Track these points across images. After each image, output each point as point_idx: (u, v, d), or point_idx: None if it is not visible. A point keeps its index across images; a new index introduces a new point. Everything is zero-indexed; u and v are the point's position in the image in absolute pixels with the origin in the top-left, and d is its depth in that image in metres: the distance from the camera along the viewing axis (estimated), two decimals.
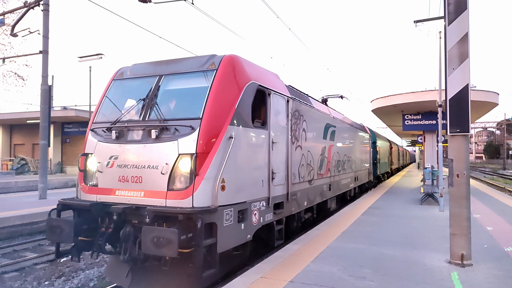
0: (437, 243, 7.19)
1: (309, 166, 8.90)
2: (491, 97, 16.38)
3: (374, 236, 7.88)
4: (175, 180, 5.14)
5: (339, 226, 8.89)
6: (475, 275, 5.32)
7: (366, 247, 6.88)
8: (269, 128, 6.62)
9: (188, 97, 5.83)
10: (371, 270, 5.55)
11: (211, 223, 5.05)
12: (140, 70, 6.48)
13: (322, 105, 11.22)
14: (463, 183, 5.85)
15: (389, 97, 17.92)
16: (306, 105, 8.93)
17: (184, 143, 5.17)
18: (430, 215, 10.74)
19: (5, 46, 26.11)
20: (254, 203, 6.06)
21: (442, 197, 11.47)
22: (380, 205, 12.88)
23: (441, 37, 12.14)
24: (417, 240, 7.49)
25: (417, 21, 12.53)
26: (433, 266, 5.75)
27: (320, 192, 10.01)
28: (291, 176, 7.57)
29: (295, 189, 7.85)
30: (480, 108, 17.67)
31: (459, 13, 5.80)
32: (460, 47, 5.79)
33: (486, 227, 8.89)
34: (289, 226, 8.11)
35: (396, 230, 8.55)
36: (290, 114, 7.60)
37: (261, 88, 6.43)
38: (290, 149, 7.49)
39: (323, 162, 10.25)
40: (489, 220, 9.87)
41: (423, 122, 18.78)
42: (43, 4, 14.51)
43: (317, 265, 5.76)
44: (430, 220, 9.90)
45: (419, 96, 16.25)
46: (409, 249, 6.75)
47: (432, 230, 8.55)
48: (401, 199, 14.51)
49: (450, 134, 5.91)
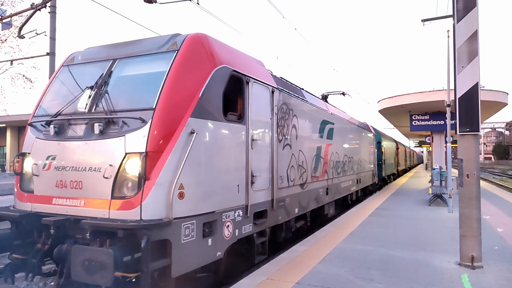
0: (446, 245, 7.07)
1: (301, 167, 7.96)
2: (500, 97, 16.19)
3: (382, 237, 7.77)
4: (121, 186, 4.23)
5: (346, 227, 8.80)
6: (485, 277, 5.21)
7: (374, 249, 6.78)
8: (248, 122, 5.66)
9: (142, 83, 4.88)
10: (379, 271, 5.46)
11: (164, 240, 4.13)
12: (93, 54, 5.53)
13: (318, 100, 10.17)
14: (473, 183, 5.74)
15: (396, 97, 17.79)
16: (298, 98, 7.96)
17: (132, 140, 4.26)
18: (439, 216, 10.60)
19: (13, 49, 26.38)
20: (226, 213, 5.11)
21: (451, 198, 11.31)
22: (388, 206, 12.75)
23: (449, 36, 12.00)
24: (426, 242, 7.38)
25: (425, 20, 12.42)
26: (442, 268, 5.65)
27: (315, 197, 8.99)
28: (277, 180, 6.62)
29: (282, 195, 6.90)
30: (489, 108, 17.47)
31: (468, 10, 5.70)
32: (469, 45, 5.69)
33: (497, 228, 8.74)
34: (277, 237, 7.20)
35: (404, 231, 8.44)
36: (276, 108, 6.62)
37: (237, 75, 5.48)
38: (276, 148, 6.55)
39: (318, 163, 9.26)
40: (500, 221, 9.70)
41: (431, 123, 18.63)
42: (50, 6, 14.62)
43: (324, 266, 5.69)
44: (438, 221, 9.76)
45: (427, 96, 16.11)
46: (417, 251, 6.64)
47: (441, 231, 8.42)
48: (409, 200, 14.35)
49: (460, 134, 5.81)
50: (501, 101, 16.18)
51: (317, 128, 9.29)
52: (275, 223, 6.67)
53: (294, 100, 7.70)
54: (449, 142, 12.35)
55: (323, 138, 9.79)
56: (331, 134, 10.49)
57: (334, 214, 11.21)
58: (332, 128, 10.64)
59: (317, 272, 5.42)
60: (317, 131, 9.32)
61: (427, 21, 12.37)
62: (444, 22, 12.37)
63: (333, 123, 10.72)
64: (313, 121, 9.01)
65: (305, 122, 8.32)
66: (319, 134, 9.43)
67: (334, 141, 10.82)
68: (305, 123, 8.36)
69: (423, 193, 17.12)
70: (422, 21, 12.44)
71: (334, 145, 10.77)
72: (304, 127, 8.22)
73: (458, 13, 5.77)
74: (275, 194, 6.50)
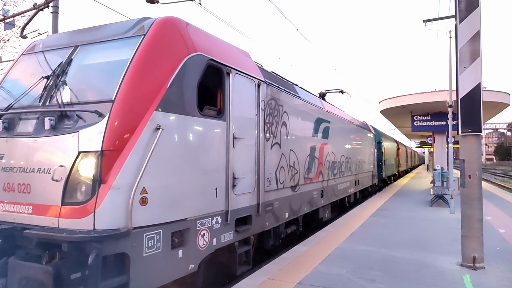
0: (448, 245, 7.06)
1: (292, 168, 7.37)
2: (502, 98, 16.16)
3: (384, 238, 7.77)
4: (73, 190, 3.67)
5: (348, 228, 8.79)
6: (487, 278, 5.20)
7: (376, 249, 6.78)
8: (228, 118, 5.11)
9: (102, 72, 4.35)
10: (380, 272, 5.45)
11: (121, 254, 3.61)
12: (55, 41, 4.98)
13: (313, 97, 9.55)
14: (475, 184, 5.73)
15: (397, 97, 17.77)
16: (289, 94, 7.39)
17: (86, 136, 3.71)
18: (441, 217, 10.58)
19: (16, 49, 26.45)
20: (201, 220, 4.56)
21: (453, 198, 11.30)
22: (389, 206, 12.73)
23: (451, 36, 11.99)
24: (428, 242, 7.37)
25: (427, 20, 12.41)
26: (444, 268, 5.64)
27: (308, 200, 8.38)
28: (264, 182, 6.08)
29: (270, 198, 6.35)
30: (490, 109, 17.44)
31: (470, 10, 5.70)
32: (471, 45, 5.68)
33: (498, 229, 8.72)
34: (264, 245, 6.66)
35: (406, 232, 8.43)
36: (263, 103, 6.10)
37: (215, 64, 4.92)
38: (262, 147, 6.02)
39: (312, 164, 8.67)
40: (501, 222, 9.68)
41: (433, 123, 18.60)
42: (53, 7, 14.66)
43: (326, 267, 5.69)
44: (440, 222, 9.75)
45: (429, 97, 16.08)
46: (419, 251, 6.63)
47: (443, 232, 8.41)
48: (411, 201, 14.34)
49: (462, 134, 5.80)
50: (503, 102, 16.14)
51: (311, 127, 8.73)
52: (262, 230, 6.12)
53: (285, 95, 7.14)
54: (451, 142, 12.35)
55: (318, 137, 9.24)
56: (327, 133, 9.94)
57: (330, 217, 10.61)
58: (328, 127, 10.08)
59: (318, 272, 5.42)
60: (311, 130, 8.75)
61: (429, 22, 12.36)
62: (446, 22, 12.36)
63: (329, 122, 10.15)
64: (307, 119, 8.45)
65: (297, 119, 7.77)
66: (313, 133, 8.87)
67: (330, 141, 10.28)
68: (297, 121, 7.81)
69: (424, 193, 17.09)
70: (424, 22, 12.44)
71: (330, 145, 10.20)
72: (296, 125, 7.68)
73: (460, 13, 5.77)
74: (262, 198, 5.96)
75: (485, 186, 21.93)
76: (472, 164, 5.76)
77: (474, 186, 5.74)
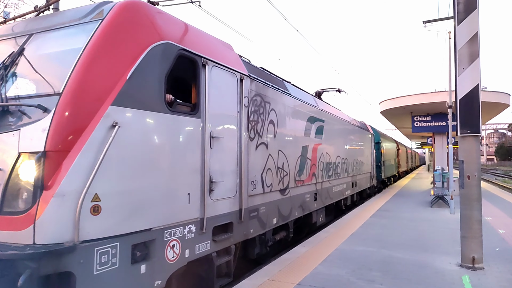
0: (447, 246, 7.08)
1: (281, 170, 6.90)
2: (502, 98, 16.18)
3: (384, 238, 7.79)
4: (12, 198, 3.20)
5: (348, 229, 8.81)
6: (487, 279, 5.22)
7: (375, 250, 6.80)
8: (204, 116, 4.63)
9: (53, 63, 3.89)
10: (380, 273, 5.47)
11: (66, 273, 3.08)
12: (9, 30, 4.54)
13: (305, 94, 9.06)
14: (474, 185, 5.75)
15: (398, 98, 17.81)
16: (277, 90, 6.90)
17: (28, 135, 3.23)
18: (441, 217, 10.60)
19: None
20: (170, 230, 4.07)
21: (453, 199, 11.31)
22: (389, 207, 12.75)
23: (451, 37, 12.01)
24: (427, 243, 7.38)
25: (426, 21, 12.44)
26: (443, 269, 5.66)
27: (300, 203, 7.90)
28: (248, 185, 5.63)
29: (255, 203, 5.91)
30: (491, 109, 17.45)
31: (469, 12, 5.72)
32: (470, 46, 5.71)
33: (498, 230, 8.74)
34: (248, 254, 6.17)
35: (406, 232, 8.44)
36: (246, 99, 5.66)
37: (188, 55, 4.43)
38: (246, 147, 5.57)
39: (304, 165, 8.20)
40: (501, 223, 9.69)
41: (433, 124, 18.63)
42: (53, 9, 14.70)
43: (325, 267, 5.71)
44: (440, 222, 9.76)
45: (429, 98, 16.13)
46: (419, 252, 6.65)
47: (443, 232, 8.42)
48: (411, 202, 14.35)
49: (461, 135, 5.82)
50: (503, 102, 16.18)
51: (302, 126, 8.23)
52: (245, 238, 5.63)
53: (273, 92, 6.66)
54: (451, 143, 12.37)
55: (311, 137, 8.72)
56: (321, 133, 9.46)
57: (324, 221, 10.10)
58: (322, 126, 9.60)
59: (318, 273, 5.44)
60: (303, 129, 8.25)
61: (428, 23, 12.39)
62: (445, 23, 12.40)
63: (323, 121, 9.66)
64: (298, 117, 7.93)
65: (287, 118, 7.29)
66: (305, 133, 8.35)
67: (325, 141, 9.79)
68: (287, 120, 7.32)
69: (425, 194, 17.10)
70: (424, 23, 12.47)
71: (324, 145, 9.72)
72: (285, 124, 7.21)
73: (459, 15, 5.79)
74: (245, 203, 5.50)
75: (486, 186, 21.94)
76: (471, 165, 5.78)
77: (473, 187, 5.76)
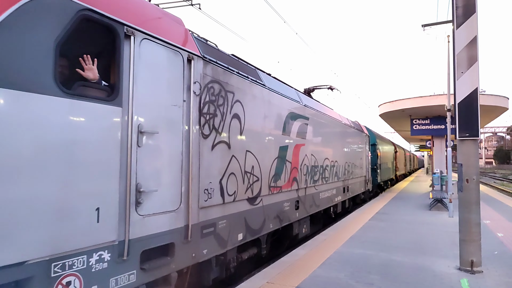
0: (446, 249, 7.08)
1: (250, 175, 5.75)
2: (501, 102, 16.22)
3: (382, 241, 7.79)
4: None
5: (346, 231, 8.81)
6: (485, 282, 5.22)
7: (374, 253, 6.80)
8: (128, 103, 3.52)
9: None
10: (379, 276, 5.47)
11: None
12: None
13: (286, 87, 7.97)
14: (472, 188, 5.76)
15: (397, 101, 17.85)
16: (246, 79, 5.77)
17: None
18: (439, 221, 10.61)
19: None
20: (63, 262, 2.92)
21: (452, 202, 11.33)
22: (388, 210, 12.75)
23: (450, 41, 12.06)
24: (426, 246, 7.39)
25: (425, 25, 12.48)
26: (442, 272, 5.66)
27: (276, 213, 6.76)
28: (200, 195, 4.49)
29: (211, 216, 4.75)
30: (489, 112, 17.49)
31: (467, 16, 5.75)
32: (468, 50, 5.73)
33: (497, 233, 8.74)
34: (203, 279, 4.97)
35: (405, 235, 8.45)
36: (198, 86, 4.51)
37: (99, 19, 3.32)
38: (197, 146, 4.45)
39: (283, 168, 7.04)
40: (500, 226, 9.70)
41: (432, 127, 18.66)
42: None
43: (324, 270, 5.70)
44: (439, 226, 9.77)
45: (428, 101, 16.17)
46: (417, 255, 6.65)
47: (441, 236, 8.43)
48: (410, 205, 14.36)
49: (459, 139, 5.84)
50: (501, 106, 16.21)
51: (281, 123, 7.08)
52: (195, 261, 4.43)
53: (238, 80, 5.53)
54: (450, 146, 12.40)
55: (291, 137, 7.58)
56: (304, 132, 8.34)
57: (309, 232, 9.07)
58: (306, 124, 8.53)
59: (317, 276, 5.44)
60: (282, 127, 7.10)
61: (427, 27, 12.44)
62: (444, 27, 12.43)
63: (307, 118, 8.57)
64: (275, 113, 6.81)
65: (259, 112, 6.15)
66: (284, 131, 7.22)
67: (310, 141, 8.71)
68: (259, 115, 6.19)
69: (423, 197, 17.12)
70: (422, 26, 12.51)
71: (309, 146, 8.62)
72: (256, 120, 6.08)
73: (457, 19, 5.82)
74: (194, 217, 4.35)
75: (484, 189, 21.97)
76: (470, 168, 5.80)
77: (472, 190, 5.77)
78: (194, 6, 8.58)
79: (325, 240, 7.86)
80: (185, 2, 8.43)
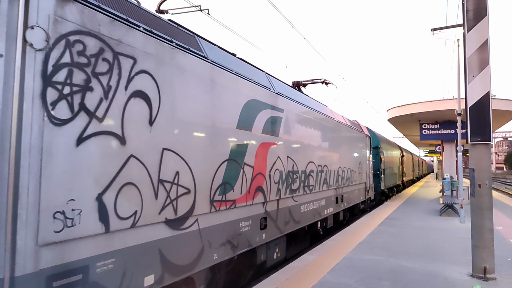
0: (458, 256, 6.96)
1: (170, 186, 3.95)
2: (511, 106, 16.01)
3: (392, 247, 7.69)
4: None
5: (356, 237, 8.72)
6: None
7: (384, 259, 6.71)
8: None
9: None
10: (389, 282, 5.39)
11: None
12: None
13: (247, 66, 6.24)
14: (485, 194, 5.67)
15: (405, 106, 17.71)
16: (163, 42, 3.98)
17: None
18: (450, 226, 10.45)
19: None
20: None
21: (463, 208, 11.17)
22: (398, 216, 12.61)
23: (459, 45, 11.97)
24: (437, 252, 7.27)
25: (435, 29, 12.40)
26: (454, 279, 5.56)
27: (226, 238, 4.97)
28: (39, 221, 2.63)
29: (78, 256, 2.94)
30: (500, 117, 17.27)
31: (478, 19, 5.70)
32: (480, 54, 5.67)
33: (509, 239, 8.58)
34: None
35: (415, 241, 8.33)
36: (42, 35, 2.70)
37: None
38: (37, 137, 2.66)
39: (238, 175, 5.30)
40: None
41: (441, 132, 18.49)
42: None
43: (333, 276, 5.64)
44: (450, 231, 9.62)
45: (437, 105, 16.02)
46: (428, 262, 6.55)
47: (453, 242, 8.30)
48: (419, 210, 14.18)
49: (471, 143, 5.76)
50: None
51: (235, 113, 5.37)
52: None
53: (145, 40, 3.75)
54: (460, 151, 12.25)
55: (254, 133, 5.82)
56: (275, 128, 6.57)
57: (284, 257, 7.13)
58: (280, 118, 6.76)
59: (326, 282, 5.38)
60: (236, 119, 5.38)
61: (436, 31, 12.36)
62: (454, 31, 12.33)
63: (281, 110, 6.82)
64: (223, 97, 5.05)
65: (190, 93, 4.38)
66: (240, 124, 5.46)
67: (285, 140, 6.90)
68: (192, 96, 4.41)
69: (433, 203, 16.91)
70: (432, 30, 12.42)
71: (284, 146, 6.84)
72: (185, 104, 4.29)
73: (468, 22, 5.77)
74: (29, 262, 2.57)
75: (496, 195, 21.63)
76: (482, 173, 5.71)
77: (484, 195, 5.68)
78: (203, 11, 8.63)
79: (334, 245, 7.79)
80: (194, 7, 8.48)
